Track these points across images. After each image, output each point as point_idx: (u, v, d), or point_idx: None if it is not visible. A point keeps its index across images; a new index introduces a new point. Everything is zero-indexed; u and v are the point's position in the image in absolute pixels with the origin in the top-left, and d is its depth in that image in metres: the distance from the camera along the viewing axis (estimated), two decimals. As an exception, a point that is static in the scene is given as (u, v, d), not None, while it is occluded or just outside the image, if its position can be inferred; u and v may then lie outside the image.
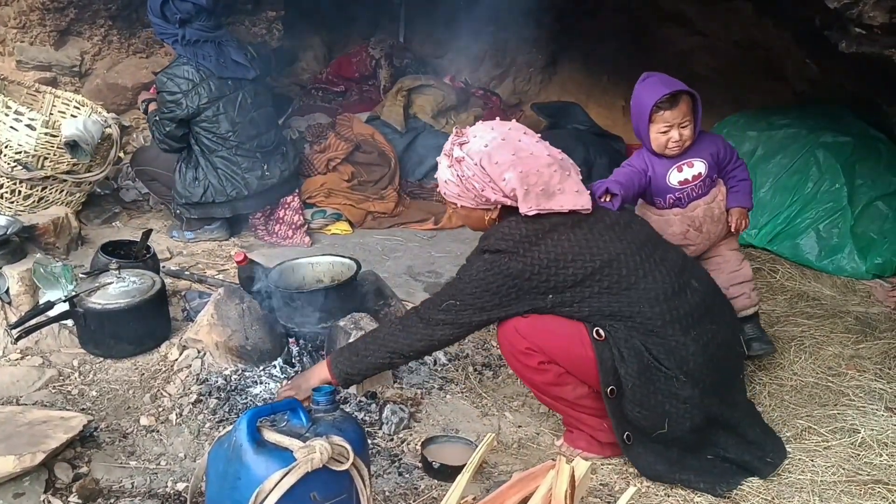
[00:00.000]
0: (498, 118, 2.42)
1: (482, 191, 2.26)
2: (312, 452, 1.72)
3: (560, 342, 2.29)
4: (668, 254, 2.39)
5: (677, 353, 2.26)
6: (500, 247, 2.25)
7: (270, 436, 1.77)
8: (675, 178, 2.84)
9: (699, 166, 2.83)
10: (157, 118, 4.04)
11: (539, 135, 2.37)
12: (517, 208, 2.27)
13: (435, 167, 5.26)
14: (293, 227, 4.29)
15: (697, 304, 2.33)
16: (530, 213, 2.23)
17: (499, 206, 2.31)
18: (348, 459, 1.78)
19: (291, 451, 1.74)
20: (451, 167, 2.31)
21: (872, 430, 2.64)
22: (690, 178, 2.83)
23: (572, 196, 2.27)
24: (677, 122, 2.72)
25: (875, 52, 2.60)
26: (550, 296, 2.26)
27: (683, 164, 2.83)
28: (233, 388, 2.70)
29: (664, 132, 2.75)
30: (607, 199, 2.62)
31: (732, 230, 2.91)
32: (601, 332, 2.26)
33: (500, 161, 2.22)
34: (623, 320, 2.27)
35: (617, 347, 2.26)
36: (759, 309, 3.06)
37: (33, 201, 3.83)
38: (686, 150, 2.80)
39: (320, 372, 2.38)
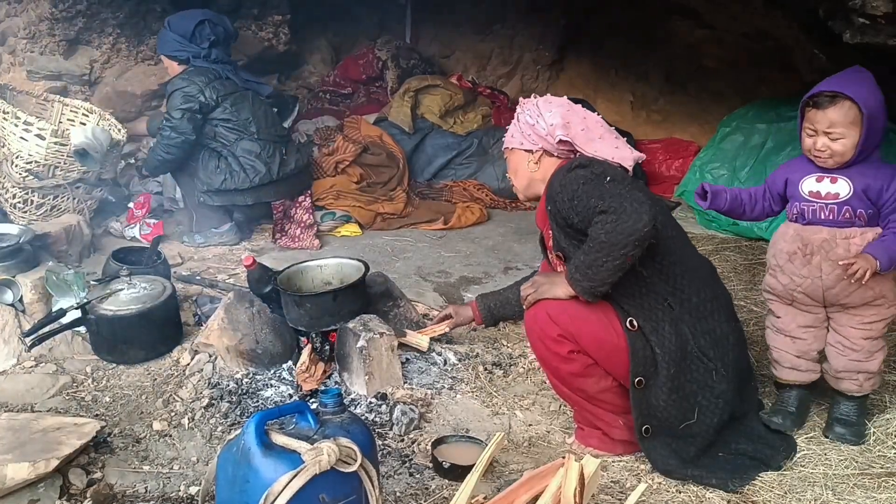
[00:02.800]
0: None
1: (532, 126, 2.41)
2: (320, 454, 1.73)
3: (592, 328, 2.28)
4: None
5: (722, 345, 2.32)
6: (584, 162, 2.32)
7: (278, 438, 1.78)
8: (807, 186, 2.39)
9: (842, 187, 2.33)
10: (170, 117, 4.05)
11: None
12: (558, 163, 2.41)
13: (442, 167, 5.35)
14: (303, 226, 4.31)
15: (729, 296, 2.43)
16: (564, 139, 2.35)
17: (541, 153, 2.43)
18: (356, 461, 1.79)
19: (299, 454, 1.75)
20: (516, 114, 2.50)
21: (887, 425, 2.61)
22: (823, 194, 2.36)
23: (610, 148, 2.36)
24: (822, 128, 2.29)
25: (879, 41, 2.57)
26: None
27: (826, 176, 2.36)
28: (244, 391, 2.71)
29: (810, 135, 2.35)
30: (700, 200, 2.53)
31: (840, 265, 2.31)
32: (635, 322, 2.28)
33: (553, 102, 2.45)
34: (681, 298, 2.31)
35: (659, 332, 2.26)
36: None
37: (46, 210, 3.88)
38: (842, 167, 2.33)
39: (565, 287, 2.29)
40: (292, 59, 6.04)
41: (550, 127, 2.37)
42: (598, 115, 2.50)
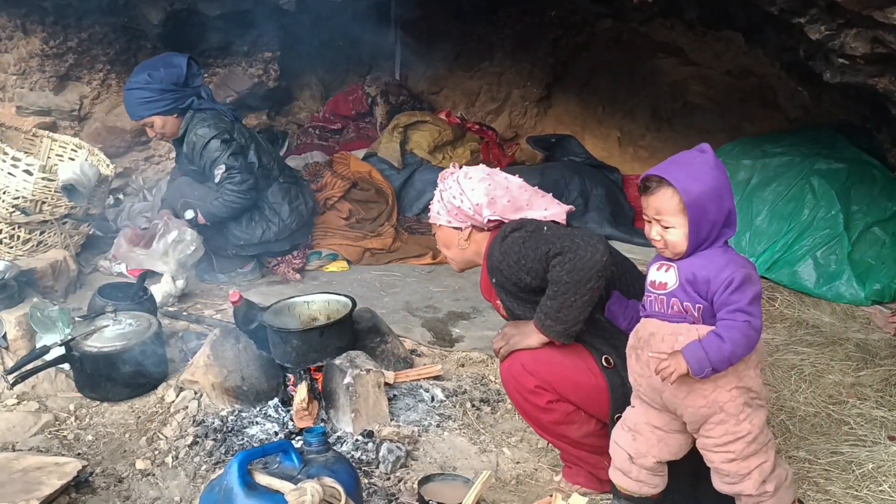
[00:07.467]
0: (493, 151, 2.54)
1: (458, 204, 2.40)
2: (303, 495, 1.71)
3: (568, 373, 2.28)
4: None
5: None
6: (515, 226, 2.33)
7: (262, 479, 1.77)
8: (651, 274, 2.10)
9: (670, 276, 2.02)
10: (229, 167, 3.86)
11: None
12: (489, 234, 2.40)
13: (431, 202, 5.35)
14: (293, 266, 4.34)
15: None
16: (492, 218, 2.36)
17: (470, 228, 2.44)
18: (340, 501, 1.77)
19: (283, 494, 1.73)
20: (438, 190, 2.50)
21: (874, 460, 2.61)
22: (657, 284, 2.06)
23: (540, 211, 2.38)
24: (652, 215, 2.02)
25: (859, 81, 2.61)
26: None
27: (664, 264, 2.06)
28: (229, 429, 2.69)
29: (647, 222, 2.06)
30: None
31: (650, 356, 2.04)
32: (610, 359, 2.27)
33: (472, 177, 2.43)
34: None
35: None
36: None
37: (32, 245, 3.86)
38: (685, 255, 2.01)
39: (536, 335, 2.27)
40: (282, 95, 6.08)
41: (476, 206, 2.38)
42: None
